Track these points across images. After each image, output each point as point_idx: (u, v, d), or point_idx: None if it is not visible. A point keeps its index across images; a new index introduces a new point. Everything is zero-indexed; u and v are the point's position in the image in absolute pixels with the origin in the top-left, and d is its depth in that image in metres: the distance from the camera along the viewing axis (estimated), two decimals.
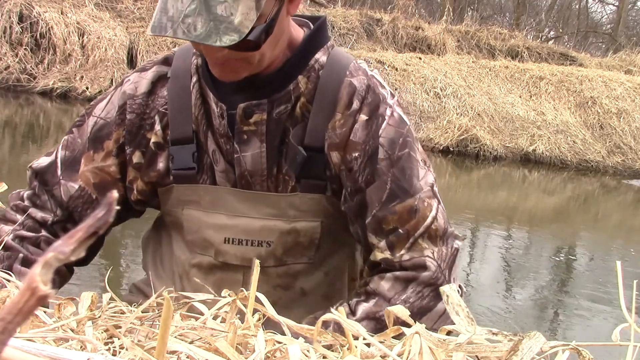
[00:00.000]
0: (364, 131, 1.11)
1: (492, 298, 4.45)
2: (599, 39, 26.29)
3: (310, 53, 1.12)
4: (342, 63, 1.14)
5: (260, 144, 1.11)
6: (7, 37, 10.29)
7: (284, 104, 1.10)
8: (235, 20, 0.92)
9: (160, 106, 1.17)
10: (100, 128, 1.20)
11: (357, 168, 1.11)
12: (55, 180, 1.22)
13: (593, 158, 12.62)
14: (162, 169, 1.19)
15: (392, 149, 1.12)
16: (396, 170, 1.11)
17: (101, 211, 0.45)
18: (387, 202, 1.12)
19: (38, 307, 0.42)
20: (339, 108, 1.11)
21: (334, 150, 1.12)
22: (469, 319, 0.78)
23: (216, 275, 1.24)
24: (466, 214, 7.42)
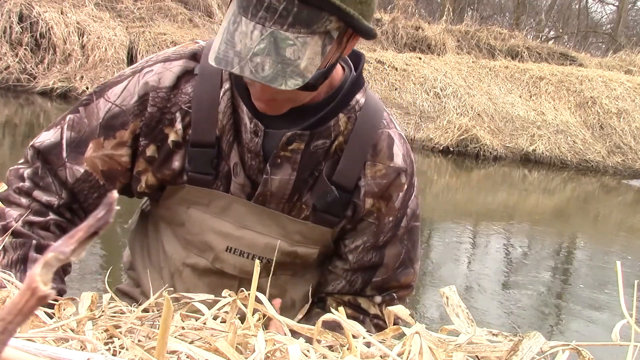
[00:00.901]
0: (401, 199, 1.19)
1: (492, 298, 4.45)
2: (599, 39, 26.30)
3: (352, 93, 1.14)
4: (378, 109, 1.18)
5: (291, 172, 1.13)
6: (7, 37, 10.29)
7: (323, 139, 1.13)
8: (302, 64, 0.92)
9: (183, 103, 1.14)
10: (114, 116, 1.15)
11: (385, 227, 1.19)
12: (60, 162, 1.17)
13: (593, 158, 12.63)
14: (177, 168, 1.16)
15: (411, 219, 1.22)
16: (409, 242, 1.23)
17: (101, 211, 0.45)
18: (397, 268, 1.24)
19: (38, 307, 0.42)
20: (380, 159, 1.16)
21: (370, 197, 1.17)
22: (468, 320, 0.78)
23: (210, 279, 1.23)
24: (466, 214, 7.42)
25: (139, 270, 1.34)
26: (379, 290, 1.25)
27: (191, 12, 13.10)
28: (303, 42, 0.91)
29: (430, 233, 6.27)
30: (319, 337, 0.80)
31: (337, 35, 0.96)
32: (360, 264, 1.23)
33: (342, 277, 1.25)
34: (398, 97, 12.24)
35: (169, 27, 12.09)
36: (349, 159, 1.14)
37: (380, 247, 1.22)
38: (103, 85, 1.20)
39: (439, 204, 8.02)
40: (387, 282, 1.24)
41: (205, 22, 13.01)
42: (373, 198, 1.17)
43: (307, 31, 0.91)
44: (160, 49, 11.26)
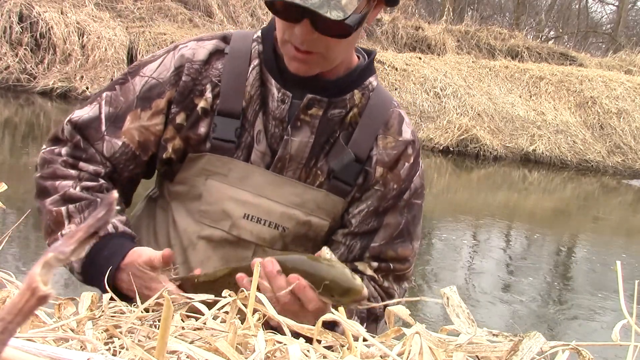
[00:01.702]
0: (407, 170, 1.29)
1: (492, 298, 4.45)
2: (599, 39, 26.30)
3: (366, 75, 1.27)
4: (388, 93, 1.34)
5: (310, 135, 1.22)
6: (7, 37, 10.30)
7: (339, 109, 1.24)
8: (343, 1, 1.04)
9: (213, 76, 1.24)
10: (151, 87, 1.24)
11: (389, 193, 1.27)
12: (98, 136, 1.24)
13: (593, 158, 12.63)
14: (202, 134, 1.24)
15: (414, 196, 1.30)
16: (409, 215, 1.30)
17: (101, 211, 0.46)
18: (395, 238, 1.29)
19: (38, 307, 0.42)
20: (391, 132, 1.28)
21: (380, 165, 1.27)
22: (469, 320, 0.78)
23: (224, 250, 1.27)
24: (466, 214, 7.42)
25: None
26: (376, 259, 1.29)
27: (191, 12, 13.10)
28: None
29: (431, 233, 6.27)
30: (319, 337, 0.80)
31: None
32: (360, 229, 1.28)
33: (342, 243, 1.30)
34: (398, 97, 12.24)
35: (169, 27, 12.09)
36: (362, 131, 1.25)
37: (380, 213, 1.28)
38: (137, 65, 1.29)
39: (439, 204, 8.02)
40: (384, 250, 1.28)
41: (205, 22, 13.01)
42: (383, 167, 1.27)
43: None
44: (160, 48, 11.26)
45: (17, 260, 3.65)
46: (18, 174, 5.86)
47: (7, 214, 4.09)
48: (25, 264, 3.54)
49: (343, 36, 1.11)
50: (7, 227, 3.62)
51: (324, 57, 1.15)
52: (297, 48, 1.13)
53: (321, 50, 1.13)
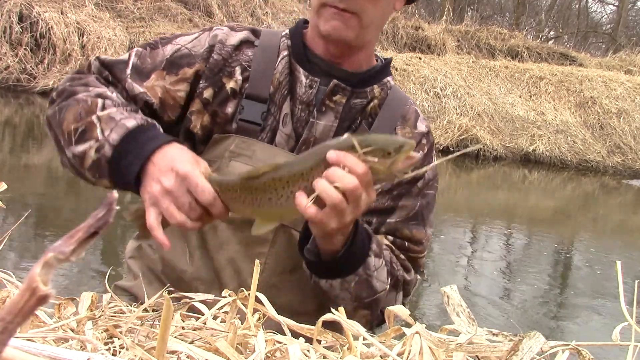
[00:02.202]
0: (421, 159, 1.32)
1: (492, 298, 4.45)
2: (599, 39, 26.30)
3: (385, 74, 1.38)
4: (402, 93, 1.43)
5: (334, 119, 1.30)
6: (7, 37, 10.29)
7: (361, 99, 1.32)
8: None
9: (243, 61, 1.31)
10: (182, 55, 1.30)
11: (400, 184, 1.33)
12: (123, 77, 1.29)
13: (593, 158, 12.63)
14: (229, 114, 1.29)
15: (427, 186, 1.37)
16: (423, 201, 1.36)
17: (101, 211, 0.46)
18: (410, 219, 1.35)
19: (38, 307, 0.42)
20: (408, 124, 1.37)
21: None
22: (469, 319, 0.78)
23: (244, 234, 1.28)
24: (466, 214, 7.42)
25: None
26: (392, 234, 1.34)
27: (191, 12, 13.10)
28: None
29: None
30: (319, 337, 0.80)
31: None
32: (375, 206, 1.32)
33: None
34: None
35: (169, 27, 12.09)
36: (382, 121, 1.34)
37: (395, 196, 1.34)
38: (171, 36, 1.36)
39: (439, 204, 8.00)
40: (399, 227, 1.34)
41: (205, 22, 13.00)
42: None
43: None
44: None
45: (17, 260, 3.65)
46: (18, 174, 5.86)
47: (7, 214, 4.09)
48: (26, 264, 3.55)
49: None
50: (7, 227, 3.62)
51: (359, 19, 1.23)
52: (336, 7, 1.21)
53: (357, 10, 1.21)
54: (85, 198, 5.32)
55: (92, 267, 3.73)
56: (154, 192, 1.05)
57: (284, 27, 1.50)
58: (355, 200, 0.98)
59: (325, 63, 1.30)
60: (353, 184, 0.95)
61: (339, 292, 1.21)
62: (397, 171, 0.96)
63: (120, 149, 1.13)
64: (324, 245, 1.15)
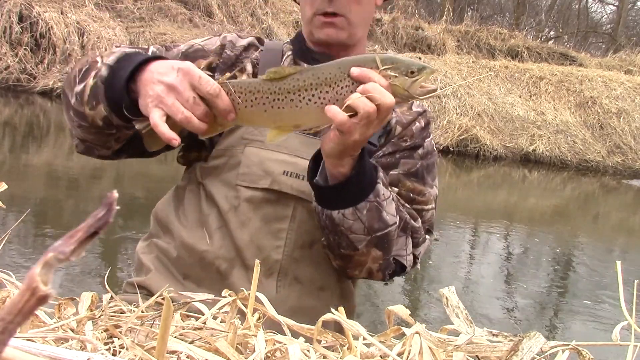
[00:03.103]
0: (419, 130, 1.47)
1: (492, 298, 4.45)
2: (599, 39, 26.30)
3: None
4: None
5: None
6: (7, 37, 10.29)
7: None
8: None
9: (253, 58, 1.43)
10: (196, 50, 1.40)
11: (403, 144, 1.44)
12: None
13: (593, 158, 12.63)
14: None
15: (426, 156, 1.46)
16: (424, 162, 1.45)
17: (101, 211, 0.46)
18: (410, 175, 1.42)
19: (38, 307, 0.42)
20: (405, 106, 1.47)
21: (399, 125, 1.45)
22: (467, 321, 0.78)
23: (264, 211, 1.36)
24: (466, 214, 7.42)
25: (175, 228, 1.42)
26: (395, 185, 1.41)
27: (191, 12, 13.10)
28: None
29: None
30: (319, 336, 0.80)
31: None
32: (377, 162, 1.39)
33: None
34: None
35: (169, 27, 12.09)
36: None
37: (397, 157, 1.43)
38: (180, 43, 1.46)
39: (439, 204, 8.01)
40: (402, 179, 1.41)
41: (205, 22, 13.00)
42: (401, 127, 1.45)
43: None
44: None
45: (17, 260, 3.65)
46: (18, 174, 5.86)
47: (7, 214, 4.09)
48: (25, 264, 3.55)
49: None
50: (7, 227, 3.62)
51: (348, 21, 1.34)
52: (324, 14, 1.32)
53: (345, 12, 1.33)
54: (85, 198, 5.32)
55: (92, 267, 3.73)
56: (156, 92, 1.03)
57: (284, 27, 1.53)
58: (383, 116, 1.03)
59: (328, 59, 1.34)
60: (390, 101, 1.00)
61: (352, 222, 1.24)
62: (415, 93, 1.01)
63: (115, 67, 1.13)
64: (333, 169, 1.19)
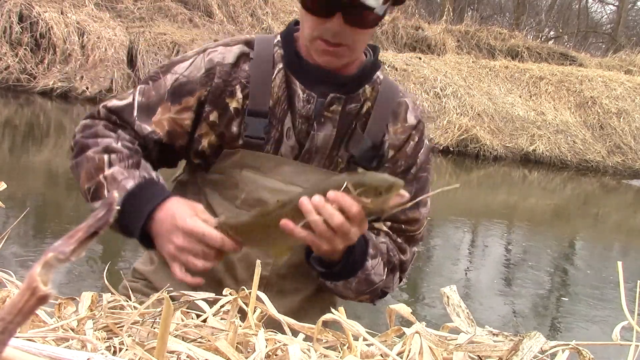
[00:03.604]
0: (412, 149, 1.46)
1: (493, 298, 4.45)
2: (599, 39, 26.29)
3: (375, 70, 1.44)
4: (394, 83, 1.50)
5: (332, 129, 1.37)
6: (7, 37, 10.29)
7: (355, 103, 1.39)
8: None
9: (242, 78, 1.37)
10: (181, 84, 1.37)
11: (397, 170, 1.43)
12: (130, 120, 1.36)
13: (593, 158, 12.62)
14: (235, 132, 1.37)
15: (420, 169, 1.47)
16: (418, 185, 1.46)
17: (101, 211, 0.45)
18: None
19: (38, 307, 0.42)
20: (400, 120, 1.45)
21: (392, 149, 1.44)
22: (468, 320, 0.78)
23: None
24: (466, 214, 7.42)
25: None
26: (389, 220, 1.45)
27: (191, 12, 13.09)
28: None
29: (431, 233, 6.27)
30: (319, 335, 0.80)
31: None
32: None
33: None
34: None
35: (169, 27, 12.09)
36: (375, 120, 1.41)
37: None
38: (168, 63, 1.42)
39: (439, 204, 8.02)
40: (396, 214, 1.42)
41: (205, 22, 13.00)
42: (394, 150, 1.44)
43: None
44: (160, 49, 11.25)
45: (17, 259, 3.65)
46: (18, 173, 5.86)
47: (7, 214, 4.09)
48: (25, 264, 3.55)
49: (372, 25, 1.28)
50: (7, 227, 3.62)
51: (350, 49, 1.30)
52: (327, 42, 1.27)
53: (349, 43, 1.28)
54: None
55: (92, 267, 3.73)
56: (170, 251, 1.18)
57: (284, 27, 1.51)
58: (344, 234, 1.10)
59: (320, 71, 1.36)
60: (339, 221, 1.07)
61: (342, 290, 1.36)
62: (387, 208, 1.07)
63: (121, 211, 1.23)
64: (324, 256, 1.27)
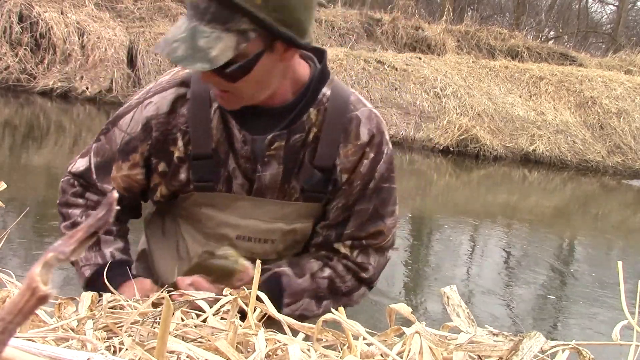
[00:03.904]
0: (368, 166, 1.38)
1: (492, 298, 4.45)
2: (599, 39, 26.29)
3: (319, 88, 1.34)
4: (344, 96, 1.38)
5: (278, 166, 1.34)
6: (7, 37, 10.29)
7: (299, 133, 1.33)
8: (212, 53, 1.11)
9: (181, 124, 1.35)
10: (127, 142, 1.39)
11: (354, 191, 1.39)
12: (92, 182, 1.43)
13: (593, 158, 12.62)
14: (184, 179, 1.37)
15: (380, 181, 1.40)
16: (378, 199, 1.41)
17: (101, 211, 0.46)
18: (365, 224, 1.42)
19: (38, 307, 0.42)
20: (350, 139, 1.36)
21: (344, 173, 1.38)
22: (469, 320, 0.78)
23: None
24: (466, 214, 7.42)
25: (155, 256, 1.54)
26: (350, 239, 1.44)
27: None
28: (217, 37, 1.11)
29: (431, 233, 6.27)
30: (319, 335, 0.80)
31: (255, 37, 1.14)
32: (334, 221, 1.43)
33: (320, 234, 1.45)
34: (398, 97, 12.24)
35: (169, 27, 12.07)
36: (325, 145, 1.35)
37: (350, 205, 1.41)
38: (116, 115, 1.43)
39: (439, 204, 8.02)
40: (356, 233, 1.42)
41: None
42: (347, 173, 1.38)
43: (222, 28, 1.11)
44: None
45: (17, 259, 3.65)
46: (18, 173, 5.86)
47: (7, 213, 4.09)
48: (25, 264, 3.54)
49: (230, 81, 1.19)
50: (7, 226, 3.62)
51: (237, 95, 1.25)
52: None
53: (230, 90, 1.23)
54: None
55: None
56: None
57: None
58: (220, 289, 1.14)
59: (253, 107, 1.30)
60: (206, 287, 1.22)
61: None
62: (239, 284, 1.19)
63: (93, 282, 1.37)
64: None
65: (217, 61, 1.10)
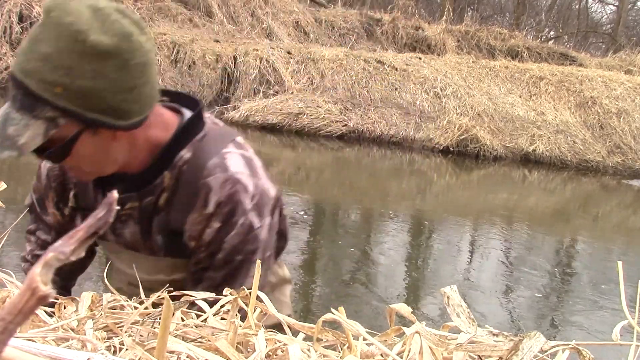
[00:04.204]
0: (212, 236, 1.32)
1: (492, 298, 4.45)
2: (599, 39, 26.29)
3: (177, 151, 1.31)
4: (202, 161, 1.31)
5: (134, 224, 1.39)
6: (7, 37, 10.29)
7: (149, 196, 1.34)
8: (20, 141, 1.11)
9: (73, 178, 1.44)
10: (40, 189, 1.53)
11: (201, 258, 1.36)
12: (40, 216, 1.57)
13: (593, 158, 12.62)
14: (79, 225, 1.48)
15: (231, 254, 1.34)
16: (228, 270, 1.35)
17: (101, 211, 0.45)
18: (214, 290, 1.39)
19: (38, 307, 0.42)
20: (197, 207, 1.31)
21: (191, 240, 1.35)
22: (469, 320, 0.78)
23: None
24: (466, 214, 7.42)
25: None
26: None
27: (191, 12, 13.10)
28: (25, 124, 1.11)
29: (431, 233, 6.27)
30: (319, 335, 0.80)
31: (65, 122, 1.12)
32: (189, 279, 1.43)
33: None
34: (398, 97, 12.24)
35: (169, 27, 12.09)
36: (176, 210, 1.34)
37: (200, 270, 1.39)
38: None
39: (439, 204, 8.02)
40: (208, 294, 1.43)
41: (205, 22, 13.00)
42: (194, 240, 1.35)
43: (30, 115, 1.11)
44: (160, 49, 11.24)
45: (17, 259, 3.64)
46: (18, 173, 5.86)
47: (7, 213, 4.09)
48: None
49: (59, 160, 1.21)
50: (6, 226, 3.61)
51: (78, 170, 1.28)
52: None
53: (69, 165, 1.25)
54: None
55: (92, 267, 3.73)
56: None
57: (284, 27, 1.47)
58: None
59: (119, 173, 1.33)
60: None
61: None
62: None
63: None
64: None
65: (26, 148, 1.11)
